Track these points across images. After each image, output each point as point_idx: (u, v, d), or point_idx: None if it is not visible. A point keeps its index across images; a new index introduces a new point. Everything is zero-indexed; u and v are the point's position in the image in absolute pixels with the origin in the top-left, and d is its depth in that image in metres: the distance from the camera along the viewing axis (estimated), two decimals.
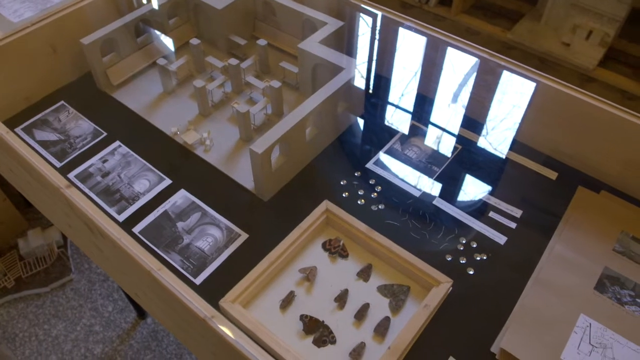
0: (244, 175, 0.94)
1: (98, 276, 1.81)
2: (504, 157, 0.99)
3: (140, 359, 1.62)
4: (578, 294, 0.81)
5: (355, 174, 0.95)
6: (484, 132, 1.03)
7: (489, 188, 0.94)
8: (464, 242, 0.86)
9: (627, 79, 1.87)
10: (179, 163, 0.98)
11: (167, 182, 0.95)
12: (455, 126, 1.04)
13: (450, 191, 0.93)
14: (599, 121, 0.90)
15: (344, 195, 0.92)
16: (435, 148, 1.00)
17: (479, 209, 0.91)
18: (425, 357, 0.73)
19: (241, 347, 0.62)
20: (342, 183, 0.94)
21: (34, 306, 1.74)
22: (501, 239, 0.86)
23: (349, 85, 0.96)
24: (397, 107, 1.09)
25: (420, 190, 0.93)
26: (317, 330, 0.76)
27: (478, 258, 0.84)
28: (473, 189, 0.94)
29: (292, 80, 1.10)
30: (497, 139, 1.02)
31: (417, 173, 0.96)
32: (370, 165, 0.97)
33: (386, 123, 1.06)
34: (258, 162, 0.84)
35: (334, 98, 0.93)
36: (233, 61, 1.05)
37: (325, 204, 0.87)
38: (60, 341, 1.66)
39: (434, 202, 0.91)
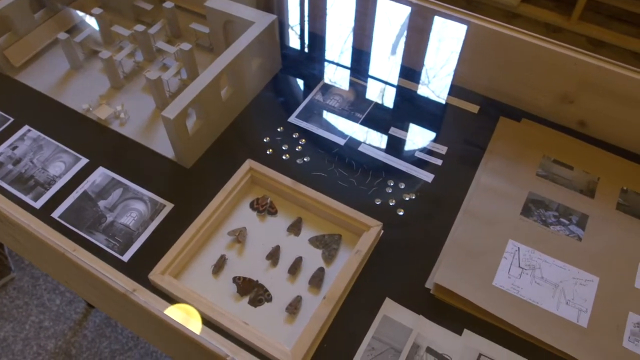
0: (163, 144, 0.91)
1: (41, 271, 1.74)
2: (425, 96, 0.99)
3: (95, 347, 1.58)
4: (505, 220, 0.82)
5: (278, 130, 0.93)
6: (405, 73, 1.02)
7: (413, 128, 0.94)
8: (391, 184, 0.85)
9: (550, 12, 1.90)
10: (95, 140, 0.94)
11: (84, 161, 0.91)
12: (375, 70, 1.03)
13: (375, 136, 0.92)
14: (523, 54, 0.89)
15: (268, 152, 0.90)
16: (358, 94, 0.99)
17: (404, 150, 0.91)
18: (362, 302, 0.74)
19: (166, 317, 0.60)
20: (265, 140, 0.91)
21: None
22: (428, 177, 0.87)
23: (261, 39, 0.92)
24: (316, 57, 1.07)
25: (345, 138, 0.92)
26: (251, 291, 0.75)
27: (407, 198, 0.84)
28: (397, 130, 0.93)
29: (205, 41, 1.06)
30: (418, 79, 1.01)
31: (341, 121, 0.94)
32: (292, 119, 0.95)
33: (306, 75, 1.03)
34: (172, 128, 0.81)
35: (247, 54, 0.90)
36: (139, 27, 1.00)
37: (249, 163, 0.85)
38: (9, 342, 1.60)
39: (360, 149, 0.90)
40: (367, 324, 0.72)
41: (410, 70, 1.03)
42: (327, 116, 0.95)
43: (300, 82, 1.02)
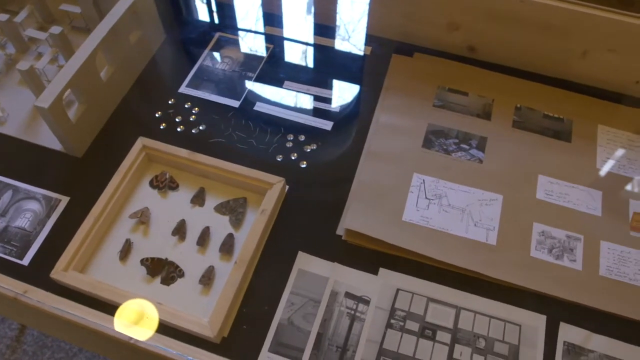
0: (49, 137, 0.85)
1: None
2: (317, 44, 0.97)
3: None
4: (408, 156, 0.83)
5: (169, 102, 0.89)
6: (288, 22, 1.00)
7: (307, 79, 0.92)
8: (291, 139, 0.84)
9: None
10: None
11: None
12: (260, 26, 1.00)
13: (269, 92, 0.90)
14: None
15: (161, 127, 0.86)
16: (248, 54, 0.96)
17: (300, 102, 0.89)
18: (275, 260, 0.73)
19: (62, 312, 0.57)
20: (157, 115, 0.87)
21: None
22: (327, 125, 0.86)
23: (135, 11, 0.87)
24: (200, 22, 1.02)
25: (239, 99, 0.89)
26: (162, 270, 0.72)
27: (308, 150, 0.83)
28: (292, 84, 0.91)
29: (80, 22, 0.99)
30: (302, 27, 0.99)
31: (233, 83, 0.91)
32: (182, 89, 0.91)
33: (192, 41, 0.99)
34: (50, 117, 0.76)
35: (121, 28, 0.85)
36: (2, 17, 0.92)
37: (141, 141, 0.81)
38: None
39: (255, 108, 0.88)
40: (283, 280, 0.71)
41: (317, 25, 1.01)
42: (219, 80, 0.92)
43: (187, 49, 0.98)
